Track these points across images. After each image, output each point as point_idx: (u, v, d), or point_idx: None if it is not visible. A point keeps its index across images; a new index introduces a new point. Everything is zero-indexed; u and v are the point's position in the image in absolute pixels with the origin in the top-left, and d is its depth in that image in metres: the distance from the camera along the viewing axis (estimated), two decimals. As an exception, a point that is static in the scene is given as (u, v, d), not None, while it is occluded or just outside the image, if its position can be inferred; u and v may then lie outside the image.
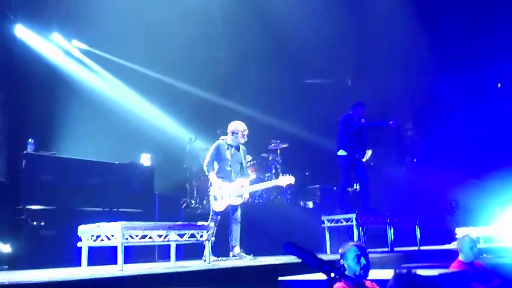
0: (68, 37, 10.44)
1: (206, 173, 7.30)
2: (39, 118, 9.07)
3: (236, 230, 7.12)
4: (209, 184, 7.30)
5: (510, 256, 7.90)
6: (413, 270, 2.77)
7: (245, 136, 7.42)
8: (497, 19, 12.78)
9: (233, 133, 7.38)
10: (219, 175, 7.23)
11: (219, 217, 7.15)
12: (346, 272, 4.12)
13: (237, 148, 7.42)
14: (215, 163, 7.30)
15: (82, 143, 8.94)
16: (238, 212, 7.23)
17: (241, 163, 7.40)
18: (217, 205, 7.12)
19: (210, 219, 7.04)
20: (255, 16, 12.38)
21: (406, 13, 13.09)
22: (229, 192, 7.14)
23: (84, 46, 10.78)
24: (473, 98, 13.29)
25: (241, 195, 7.20)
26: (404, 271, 2.80)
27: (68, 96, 9.57)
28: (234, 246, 7.06)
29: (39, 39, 9.80)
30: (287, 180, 7.53)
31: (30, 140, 7.54)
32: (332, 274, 2.49)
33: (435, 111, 13.63)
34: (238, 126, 7.39)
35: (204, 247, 6.36)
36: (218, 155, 7.28)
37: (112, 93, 10.83)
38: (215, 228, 6.87)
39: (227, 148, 7.33)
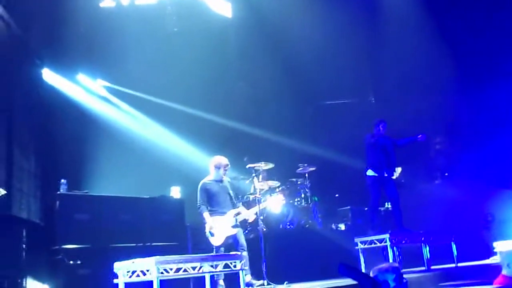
0: (93, 76, 10.74)
1: (200, 213, 7.36)
2: (70, 159, 9.28)
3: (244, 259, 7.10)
4: (204, 222, 7.35)
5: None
6: None
7: (227, 170, 7.57)
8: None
9: (216, 167, 7.49)
10: (215, 211, 7.32)
11: (222, 249, 7.19)
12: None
13: (221, 181, 7.54)
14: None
15: (112, 181, 9.11)
16: (242, 240, 7.27)
17: (229, 194, 7.52)
18: (215, 240, 7.19)
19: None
20: (271, 44, 12.52)
21: (427, 25, 13.06)
22: (222, 225, 7.22)
23: (109, 84, 11.04)
24: (504, 108, 13.05)
25: (237, 225, 7.30)
26: None
27: (97, 135, 9.81)
28: (245, 275, 7.03)
29: (66, 81, 10.10)
30: (277, 198, 7.87)
31: (62, 180, 7.72)
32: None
33: (464, 123, 13.42)
34: (220, 160, 7.55)
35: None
36: (207, 194, 7.36)
37: (139, 128, 11.04)
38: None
39: (213, 184, 7.44)
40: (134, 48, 10.49)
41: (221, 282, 7.04)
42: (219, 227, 7.22)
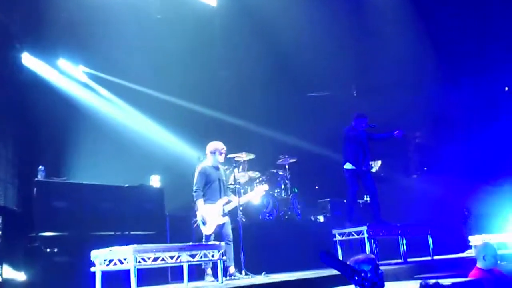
0: (74, 62, 10.58)
1: (195, 199, 7.30)
2: (49, 146, 9.17)
3: (228, 250, 7.05)
4: (196, 209, 7.31)
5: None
6: (440, 282, 2.73)
7: (223, 154, 7.46)
8: (503, 21, 12.79)
9: (211, 153, 7.42)
10: (207, 198, 7.24)
11: (212, 237, 7.15)
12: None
13: (217, 168, 7.49)
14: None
15: (92, 168, 9.02)
16: (228, 230, 7.20)
17: (223, 182, 7.45)
18: (206, 229, 7.14)
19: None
20: (256, 33, 12.50)
21: (409, 21, 13.16)
22: (213, 213, 7.17)
23: (91, 71, 10.91)
24: (482, 104, 13.23)
25: (226, 214, 7.25)
26: (432, 281, 2.78)
27: (76, 122, 9.69)
28: (229, 266, 7.04)
29: (46, 66, 9.94)
30: (262, 188, 7.70)
31: (40, 167, 7.62)
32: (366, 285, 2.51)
33: (444, 118, 13.58)
34: (216, 145, 7.44)
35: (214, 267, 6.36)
36: (205, 179, 7.31)
37: (119, 116, 10.93)
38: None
39: (210, 169, 7.39)
40: (116, 34, 10.34)
41: (209, 271, 7.01)
42: (211, 216, 7.16)
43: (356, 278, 2.53)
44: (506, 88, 14.37)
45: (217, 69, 12.68)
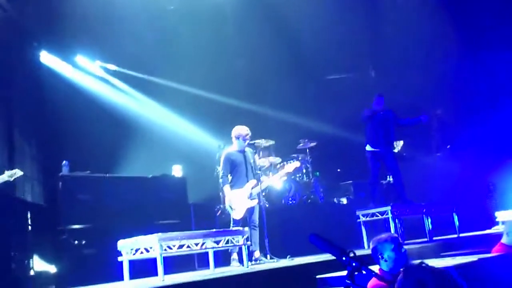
0: (91, 58, 10.70)
1: (221, 185, 7.33)
2: (70, 140, 9.31)
3: (254, 235, 7.10)
4: (223, 195, 7.32)
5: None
6: (423, 263, 2.70)
7: (248, 139, 7.41)
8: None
9: (236, 137, 7.41)
10: (234, 184, 7.26)
11: (241, 223, 7.17)
12: (383, 266, 4.14)
13: (244, 152, 7.46)
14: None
15: (114, 161, 9.14)
16: (255, 216, 7.22)
17: (251, 164, 7.42)
18: (236, 214, 7.17)
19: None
20: (269, 19, 12.41)
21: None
22: (242, 197, 7.19)
23: (108, 65, 11.01)
24: (504, 78, 12.99)
25: (253, 197, 7.23)
26: (417, 261, 2.76)
27: (97, 116, 9.82)
28: (254, 251, 7.07)
29: (64, 63, 10.08)
30: (293, 165, 7.71)
31: (64, 162, 7.76)
32: (353, 264, 2.52)
33: (464, 94, 13.37)
34: (240, 130, 7.41)
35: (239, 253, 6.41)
36: (230, 164, 7.33)
37: (139, 108, 11.04)
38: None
39: (235, 154, 7.39)
40: (131, 27, 10.41)
41: (235, 256, 7.05)
42: (239, 200, 7.19)
43: (344, 258, 2.55)
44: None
45: (233, 57, 12.65)
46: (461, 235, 8.41)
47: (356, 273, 2.59)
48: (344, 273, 4.55)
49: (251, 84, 12.49)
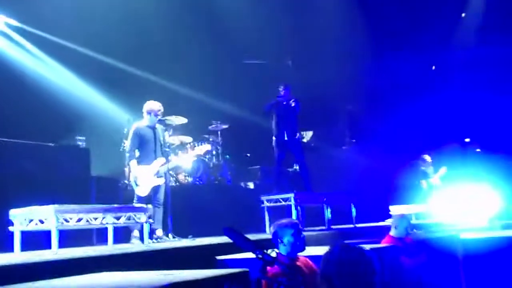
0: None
1: (127, 160, 7.16)
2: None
3: (158, 213, 7.03)
4: (129, 170, 7.18)
5: (440, 231, 8.34)
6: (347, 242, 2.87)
7: (160, 115, 7.30)
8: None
9: (147, 112, 7.26)
10: (142, 160, 7.13)
11: (145, 200, 7.04)
12: (282, 250, 4.26)
13: (154, 128, 7.33)
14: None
15: (13, 125, 8.55)
16: (161, 195, 7.14)
17: (160, 142, 7.30)
18: (140, 191, 7.05)
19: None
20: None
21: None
22: (148, 174, 7.07)
23: (13, 22, 10.25)
24: (410, 81, 13.76)
25: (160, 175, 7.13)
26: (346, 242, 2.91)
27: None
28: (156, 229, 7.00)
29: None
30: (203, 148, 7.66)
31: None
32: (265, 259, 2.59)
33: (375, 93, 14.00)
34: (152, 105, 7.28)
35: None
36: (139, 140, 7.17)
37: (44, 71, 10.39)
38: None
39: (145, 130, 7.24)
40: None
41: (136, 233, 6.89)
42: (145, 177, 7.03)
43: (257, 252, 2.67)
44: (433, 67, 15.01)
45: (149, 27, 12.21)
46: (357, 225, 8.85)
47: (268, 267, 2.69)
48: (243, 255, 4.61)
49: (167, 60, 12.17)
